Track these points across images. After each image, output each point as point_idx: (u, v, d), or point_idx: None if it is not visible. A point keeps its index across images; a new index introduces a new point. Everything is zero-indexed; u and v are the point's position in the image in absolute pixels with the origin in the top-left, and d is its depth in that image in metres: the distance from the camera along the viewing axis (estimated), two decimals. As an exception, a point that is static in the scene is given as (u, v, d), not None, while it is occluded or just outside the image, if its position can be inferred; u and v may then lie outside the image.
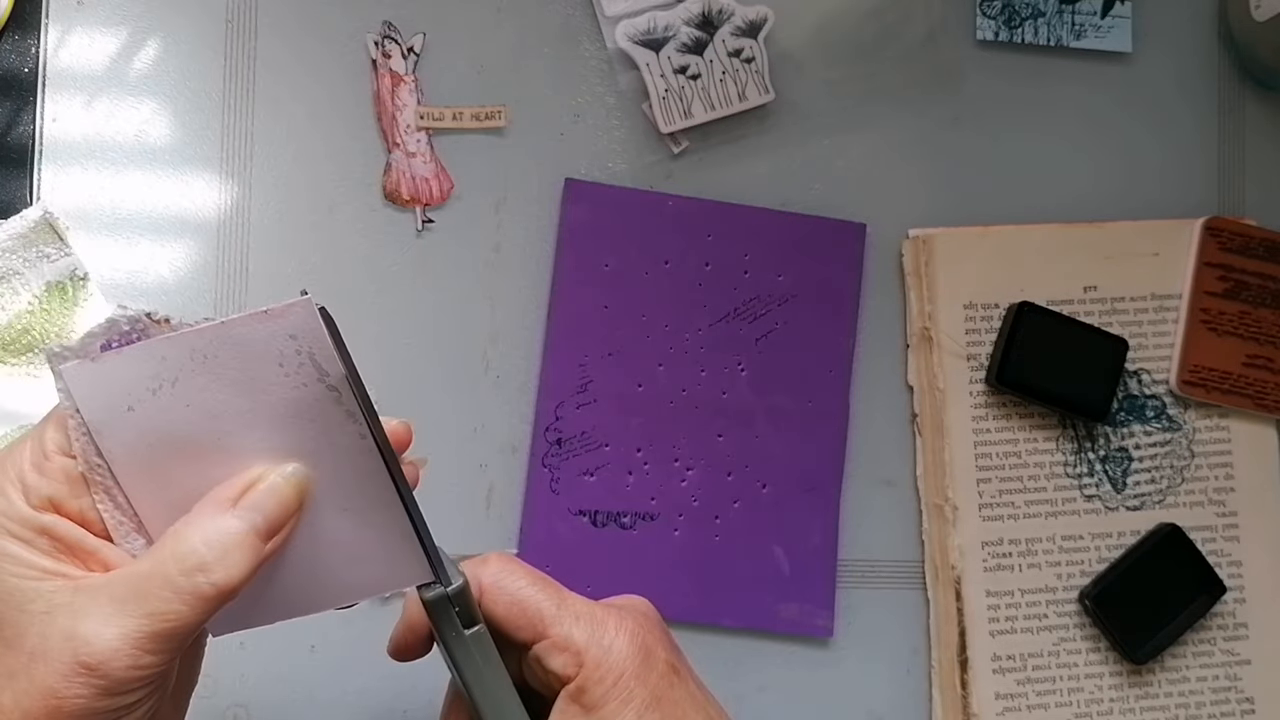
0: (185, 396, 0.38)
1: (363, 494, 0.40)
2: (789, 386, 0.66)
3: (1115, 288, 0.69)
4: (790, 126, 0.68)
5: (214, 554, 0.37)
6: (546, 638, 0.43)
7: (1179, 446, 0.69)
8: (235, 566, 0.37)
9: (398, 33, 0.65)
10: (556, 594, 0.44)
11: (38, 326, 0.61)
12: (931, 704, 0.67)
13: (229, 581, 0.37)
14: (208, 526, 0.38)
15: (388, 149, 0.64)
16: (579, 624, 0.43)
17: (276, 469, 0.39)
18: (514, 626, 0.43)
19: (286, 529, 0.39)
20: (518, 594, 0.44)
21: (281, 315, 0.39)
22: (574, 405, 0.65)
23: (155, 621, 0.36)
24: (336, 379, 0.39)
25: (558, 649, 0.43)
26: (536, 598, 0.44)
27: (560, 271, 0.65)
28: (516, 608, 0.43)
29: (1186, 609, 0.67)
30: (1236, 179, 0.71)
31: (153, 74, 0.63)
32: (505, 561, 0.45)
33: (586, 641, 0.43)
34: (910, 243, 0.68)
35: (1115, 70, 0.70)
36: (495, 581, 0.44)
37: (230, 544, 0.38)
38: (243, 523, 0.38)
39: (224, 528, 0.38)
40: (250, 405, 0.39)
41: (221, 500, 0.39)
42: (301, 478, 0.40)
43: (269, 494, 0.39)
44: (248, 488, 0.39)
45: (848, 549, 0.67)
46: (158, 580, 0.37)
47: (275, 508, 0.39)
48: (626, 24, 0.65)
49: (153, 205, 0.63)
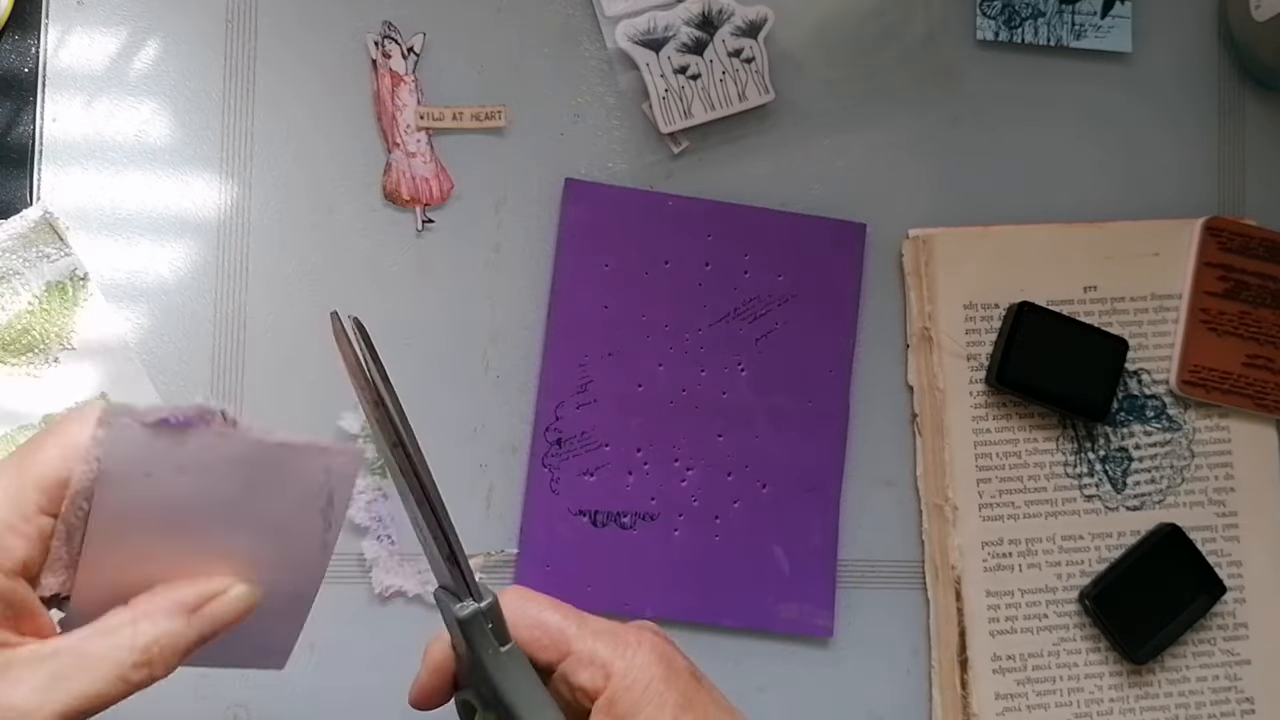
0: (203, 483, 0.39)
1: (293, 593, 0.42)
2: (789, 386, 0.66)
3: (1115, 288, 0.69)
4: (790, 126, 0.68)
5: (163, 655, 0.39)
6: (571, 654, 0.44)
7: (1179, 446, 0.69)
8: (174, 665, 0.40)
9: (398, 33, 0.65)
10: (576, 615, 0.45)
11: (38, 326, 0.61)
12: (931, 704, 0.67)
13: (165, 675, 0.39)
14: (165, 628, 0.39)
15: (388, 149, 0.64)
16: (601, 639, 0.44)
17: (236, 587, 0.40)
18: (539, 648, 0.44)
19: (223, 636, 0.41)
20: (539, 617, 0.45)
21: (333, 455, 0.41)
22: (574, 405, 0.65)
23: (90, 702, 0.38)
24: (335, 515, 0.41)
25: (584, 664, 0.44)
26: (557, 619, 0.45)
27: (560, 271, 0.65)
28: (539, 629, 0.44)
29: (1186, 609, 0.67)
30: (1236, 179, 0.71)
31: (153, 74, 0.63)
32: (522, 591, 0.46)
33: (611, 654, 0.44)
34: (910, 243, 0.68)
35: (1115, 70, 0.70)
36: (515, 608, 0.45)
37: (179, 647, 0.39)
38: (194, 631, 0.40)
39: (177, 634, 0.39)
40: (251, 510, 0.40)
41: (182, 604, 0.40)
42: (254, 599, 0.41)
43: (224, 610, 0.40)
44: (209, 598, 0.40)
45: (848, 549, 0.67)
46: (108, 664, 0.38)
47: (225, 622, 0.40)
48: (626, 24, 0.65)
49: (153, 205, 0.63)
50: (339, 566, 0.63)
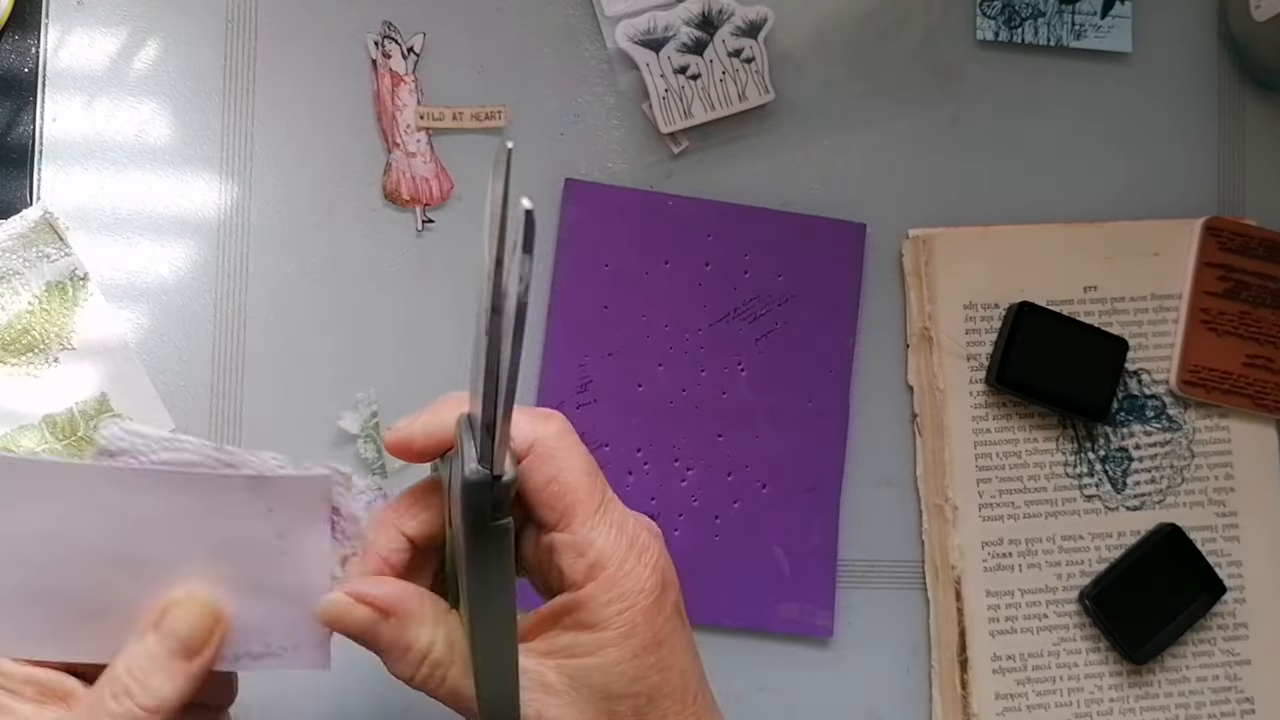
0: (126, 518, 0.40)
1: (295, 594, 0.42)
2: (789, 386, 0.66)
3: (1115, 288, 0.69)
4: (790, 126, 0.68)
5: (135, 681, 0.39)
6: (570, 531, 0.40)
7: (1179, 446, 0.69)
8: (160, 689, 0.39)
9: (398, 33, 0.65)
10: (601, 491, 0.41)
11: (38, 326, 0.61)
12: (931, 704, 0.67)
13: (155, 703, 0.39)
14: (130, 653, 0.40)
15: (388, 149, 0.64)
16: (610, 534, 0.40)
17: (186, 594, 0.41)
18: (543, 504, 0.40)
19: (213, 647, 0.41)
20: (563, 474, 0.41)
21: (278, 489, 0.41)
22: (574, 405, 0.65)
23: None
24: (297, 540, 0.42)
25: (576, 550, 0.40)
26: (580, 486, 0.40)
27: (560, 271, 0.65)
28: (556, 486, 0.40)
29: (1186, 609, 0.67)
30: (1236, 179, 0.71)
31: (153, 74, 0.63)
32: (565, 432, 0.42)
33: (609, 555, 0.40)
34: (910, 243, 0.68)
35: (1115, 70, 0.70)
36: (549, 449, 0.41)
37: (148, 669, 0.40)
38: (158, 648, 0.40)
39: (141, 653, 0.40)
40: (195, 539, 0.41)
41: (143, 626, 0.40)
42: (214, 602, 0.41)
43: (187, 618, 0.41)
44: (165, 612, 0.41)
45: (848, 549, 0.67)
46: (98, 709, 0.39)
47: (188, 630, 0.40)
48: (626, 24, 0.65)
49: (153, 205, 0.63)
50: (339, 566, 0.62)
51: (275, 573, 0.42)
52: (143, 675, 0.40)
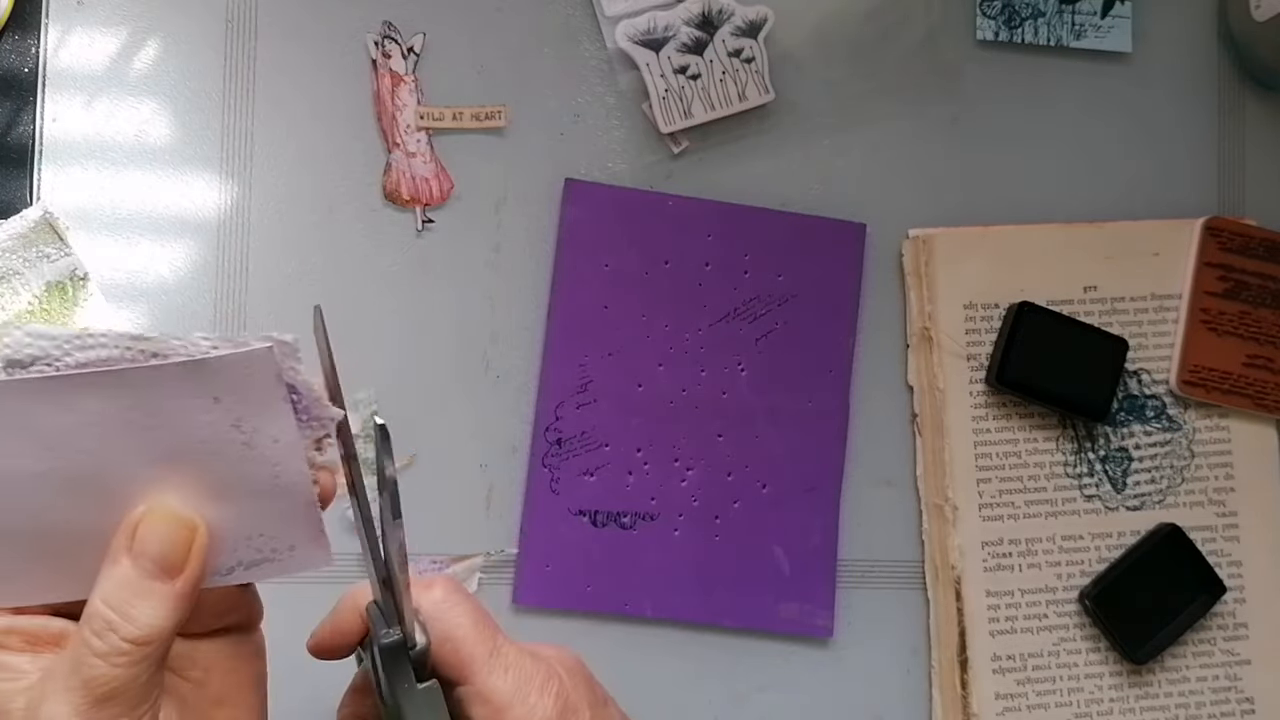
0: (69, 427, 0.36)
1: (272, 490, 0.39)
2: (789, 386, 0.66)
3: (1115, 288, 0.69)
4: (790, 126, 0.68)
5: (116, 613, 0.36)
6: (471, 684, 0.42)
7: (1179, 446, 0.69)
8: (145, 616, 0.36)
9: (398, 33, 0.65)
10: (492, 639, 0.43)
11: (38, 326, 0.61)
12: (931, 704, 0.67)
13: (143, 634, 0.36)
14: (105, 583, 0.36)
15: (388, 149, 0.64)
16: (506, 676, 0.42)
17: (149, 508, 0.37)
18: (442, 664, 0.42)
19: (195, 560, 0.37)
20: (453, 631, 0.42)
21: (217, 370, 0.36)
22: (574, 405, 0.65)
23: (94, 688, 0.35)
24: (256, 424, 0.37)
25: (480, 700, 0.42)
26: (470, 639, 0.42)
27: (560, 271, 0.65)
28: (449, 645, 0.42)
29: (1186, 609, 0.67)
30: (1236, 179, 0.71)
31: (153, 74, 0.63)
32: (449, 591, 0.44)
33: (510, 698, 0.42)
34: (910, 243, 0.68)
35: (1115, 70, 0.70)
36: (434, 612, 0.43)
37: (128, 595, 0.36)
38: (135, 570, 0.36)
39: (118, 579, 0.36)
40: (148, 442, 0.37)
41: (114, 550, 0.37)
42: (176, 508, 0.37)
43: (158, 531, 0.37)
44: (133, 527, 0.37)
45: (848, 549, 0.67)
46: (82, 648, 0.36)
47: (161, 547, 0.37)
48: (626, 24, 0.65)
49: (153, 205, 0.63)
50: (340, 566, 0.62)
51: (244, 468, 0.37)
52: (122, 605, 0.36)
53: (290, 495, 0.38)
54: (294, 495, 0.39)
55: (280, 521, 0.39)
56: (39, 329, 0.35)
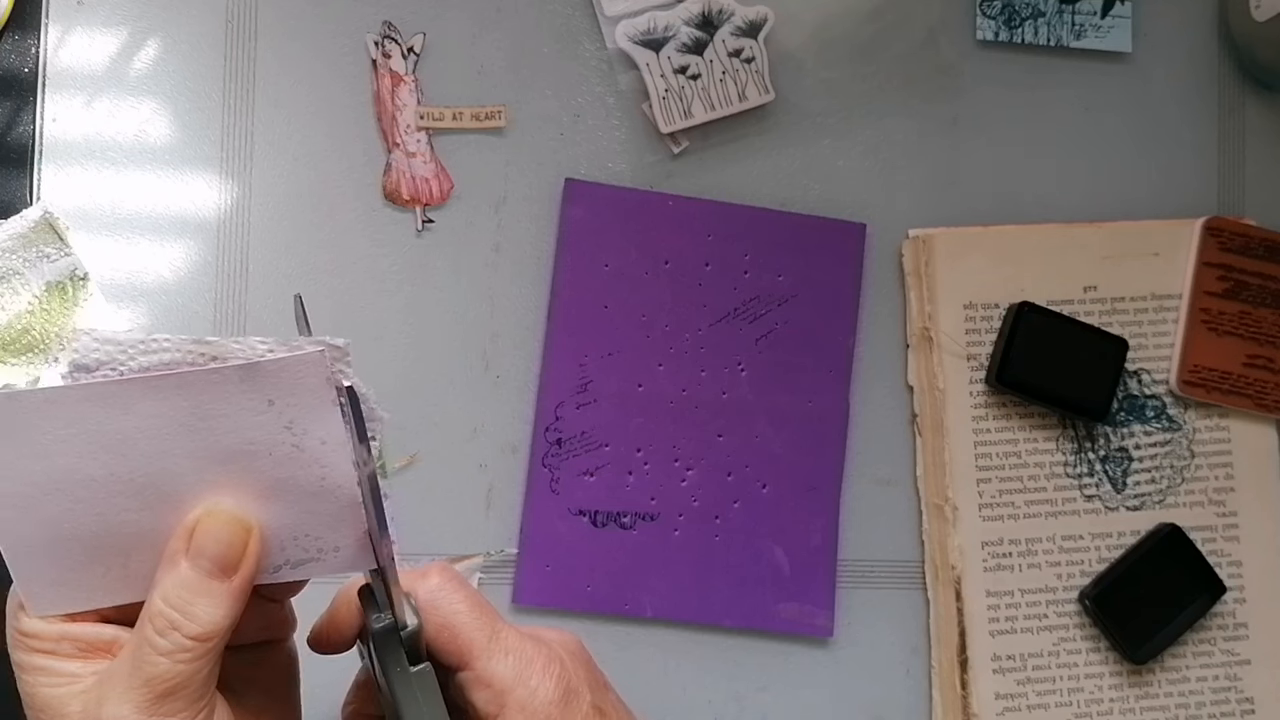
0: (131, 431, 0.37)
1: (319, 492, 0.40)
2: (789, 386, 0.66)
3: (1115, 288, 0.69)
4: (790, 126, 0.68)
5: (177, 611, 0.38)
6: (471, 669, 0.42)
7: (1179, 446, 0.69)
8: (205, 613, 0.38)
9: (398, 33, 0.65)
10: (490, 624, 0.43)
11: (38, 326, 0.61)
12: (931, 704, 0.67)
13: (204, 631, 0.38)
14: (165, 584, 0.38)
15: (388, 149, 0.64)
16: (507, 660, 0.42)
17: (207, 510, 0.39)
18: (442, 651, 0.42)
19: (250, 559, 0.39)
20: (452, 618, 0.43)
21: (272, 375, 0.38)
22: (574, 405, 0.65)
23: (156, 685, 0.37)
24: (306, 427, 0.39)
25: (482, 684, 0.42)
26: (469, 625, 0.43)
27: (560, 271, 0.65)
28: (447, 632, 0.43)
29: (1186, 609, 0.67)
30: (1236, 179, 0.71)
31: (153, 74, 0.63)
32: (446, 579, 0.44)
33: (512, 681, 0.42)
34: (910, 243, 0.68)
35: (1115, 70, 0.70)
36: (432, 600, 0.43)
37: (188, 595, 0.38)
38: (194, 571, 0.38)
39: (177, 581, 0.38)
40: (202, 447, 0.38)
41: (171, 553, 0.39)
42: (232, 509, 0.39)
43: (216, 533, 0.39)
44: (190, 534, 0.39)
45: (848, 549, 0.67)
46: (145, 648, 0.38)
47: (219, 547, 0.39)
48: (626, 24, 0.65)
49: (153, 205, 0.63)
50: (339, 566, 0.63)
51: (293, 469, 0.39)
52: (183, 604, 0.38)
53: (336, 496, 0.40)
54: (339, 496, 0.40)
55: (326, 522, 0.40)
56: (106, 334, 0.36)
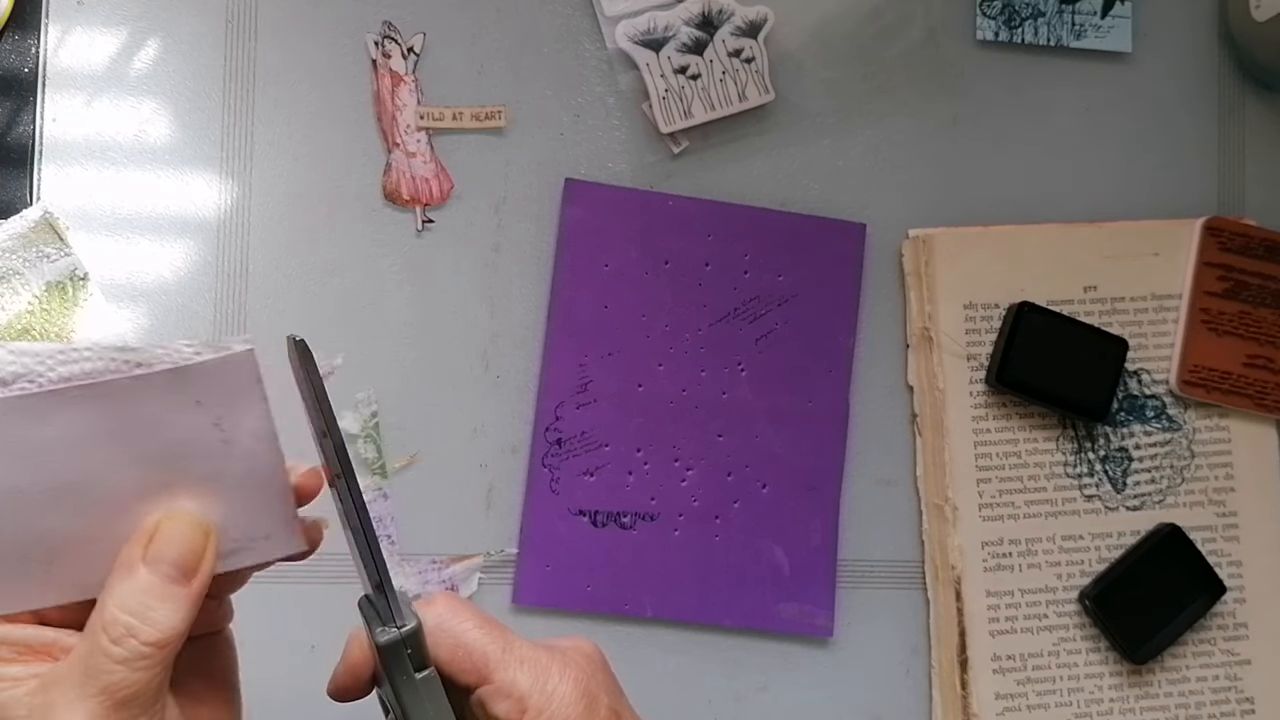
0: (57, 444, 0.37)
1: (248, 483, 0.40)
2: (789, 386, 0.66)
3: (1115, 288, 0.69)
4: (790, 126, 0.68)
5: (134, 617, 0.37)
6: (490, 683, 0.43)
7: (1179, 446, 0.69)
8: (160, 620, 0.37)
9: (398, 33, 0.65)
10: (502, 638, 0.44)
11: (38, 327, 0.61)
12: (931, 704, 0.67)
13: (159, 636, 0.37)
14: (120, 590, 0.37)
15: (388, 149, 0.64)
16: (523, 669, 0.43)
17: (169, 514, 0.39)
18: (458, 670, 0.43)
19: (208, 562, 0.39)
20: (463, 637, 0.43)
21: (199, 376, 0.38)
22: (574, 405, 0.65)
23: (110, 694, 0.36)
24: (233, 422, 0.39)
25: (501, 695, 0.42)
26: (482, 641, 0.43)
27: (560, 271, 0.65)
28: (461, 651, 0.43)
29: (1186, 609, 0.67)
30: (1236, 179, 0.71)
31: (153, 74, 0.63)
32: (451, 603, 0.45)
33: (530, 688, 0.42)
34: (910, 243, 0.68)
35: (1115, 70, 0.70)
36: (440, 624, 0.43)
37: (147, 601, 0.37)
38: (155, 575, 0.38)
39: (135, 587, 0.37)
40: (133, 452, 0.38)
41: (127, 560, 0.38)
42: (193, 514, 0.39)
43: (170, 542, 0.38)
44: (149, 539, 0.38)
45: (848, 549, 0.67)
46: (97, 655, 0.37)
47: (179, 552, 0.38)
48: (626, 24, 0.65)
49: (153, 205, 0.63)
50: (339, 566, 0.63)
51: (223, 464, 0.39)
52: (142, 610, 0.37)
53: (266, 488, 0.40)
54: (269, 487, 0.40)
55: (256, 513, 0.40)
56: (23, 346, 0.36)
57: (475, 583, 0.64)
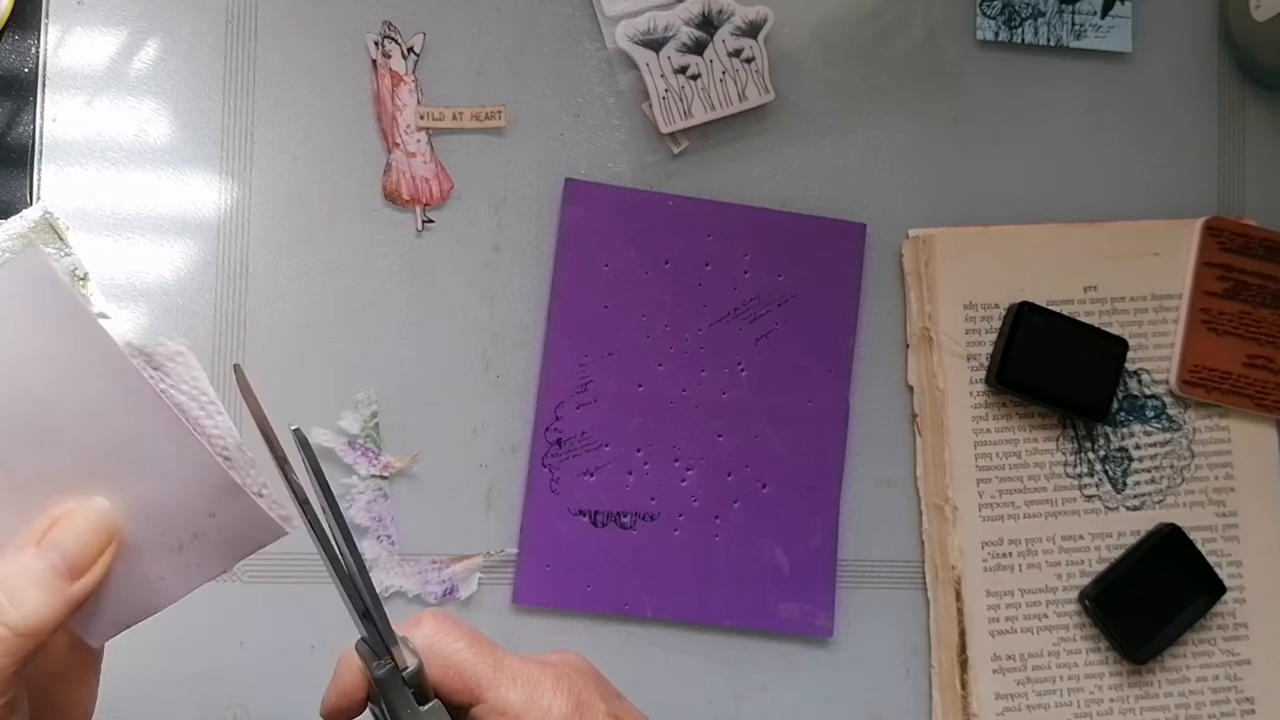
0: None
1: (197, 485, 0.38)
2: (789, 386, 0.66)
3: (1115, 288, 0.69)
4: (790, 126, 0.68)
5: (5, 594, 0.35)
6: (484, 701, 0.42)
7: (1179, 446, 0.69)
8: (30, 607, 0.36)
9: (398, 32, 0.65)
10: (492, 655, 0.44)
11: (38, 326, 0.61)
12: (931, 704, 0.67)
13: (27, 624, 0.35)
14: (3, 567, 0.36)
15: (388, 149, 0.64)
16: (516, 686, 0.43)
17: (81, 504, 0.37)
18: (450, 691, 0.43)
19: (100, 565, 0.37)
20: (453, 658, 0.43)
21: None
22: (574, 405, 0.65)
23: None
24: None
25: (496, 713, 0.42)
26: (472, 661, 0.43)
27: (560, 271, 0.65)
28: (452, 671, 0.43)
29: (1186, 609, 0.67)
30: (1236, 179, 0.71)
31: (153, 74, 0.63)
32: (440, 622, 0.44)
33: (525, 704, 0.42)
34: (910, 243, 0.68)
35: (1115, 70, 0.70)
36: (430, 645, 0.43)
37: (24, 585, 0.36)
38: (41, 562, 0.36)
39: (18, 567, 0.36)
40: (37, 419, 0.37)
41: (23, 540, 0.37)
42: (103, 510, 0.37)
43: (69, 531, 0.37)
44: (52, 524, 0.37)
45: (848, 549, 0.67)
46: None
47: (75, 545, 0.37)
48: (626, 24, 0.65)
49: (153, 205, 0.63)
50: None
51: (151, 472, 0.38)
52: (14, 590, 0.35)
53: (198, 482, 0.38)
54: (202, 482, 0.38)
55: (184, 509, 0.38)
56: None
57: (475, 583, 0.64)
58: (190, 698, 0.62)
